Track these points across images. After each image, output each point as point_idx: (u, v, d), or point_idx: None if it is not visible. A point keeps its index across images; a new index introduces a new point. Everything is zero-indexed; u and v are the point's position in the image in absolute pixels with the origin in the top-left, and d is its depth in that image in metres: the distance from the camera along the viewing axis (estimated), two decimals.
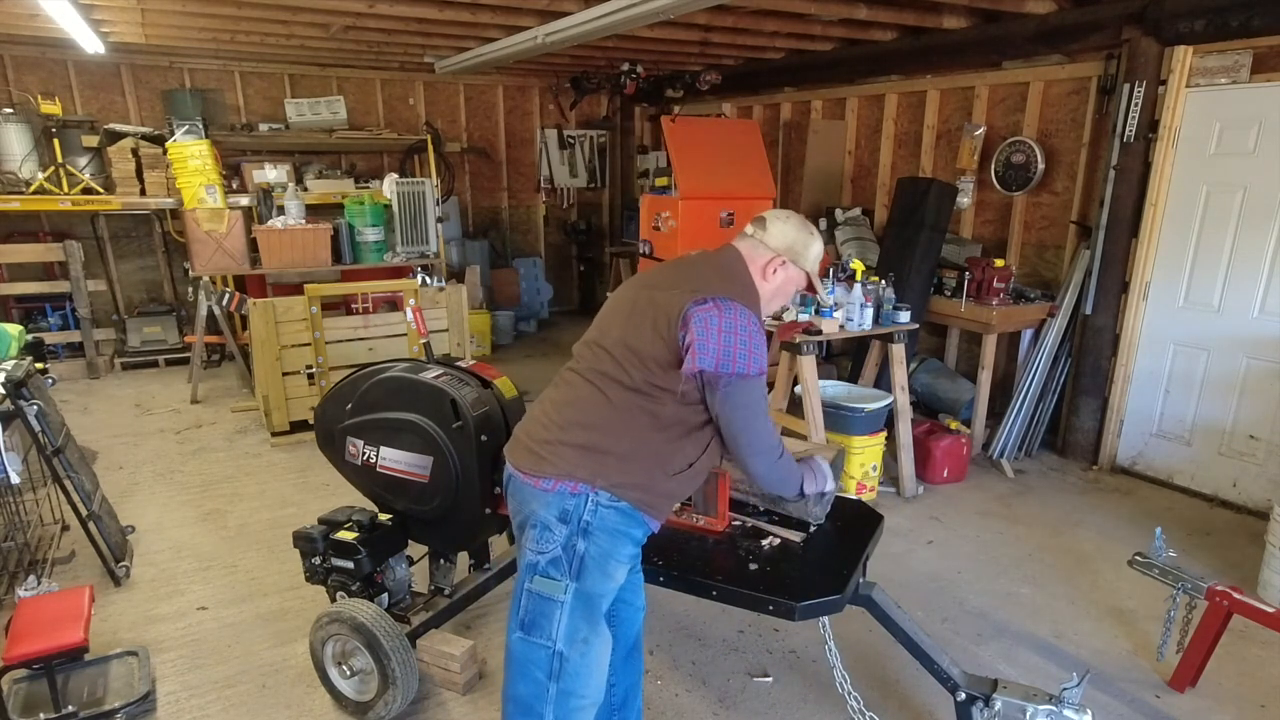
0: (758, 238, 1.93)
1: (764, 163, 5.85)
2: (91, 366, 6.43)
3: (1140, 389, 4.60)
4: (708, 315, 1.73)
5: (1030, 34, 4.60)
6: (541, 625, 1.79)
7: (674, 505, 1.99)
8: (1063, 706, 2.14)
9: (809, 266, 1.95)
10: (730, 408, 1.76)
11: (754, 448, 1.83)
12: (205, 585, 3.37)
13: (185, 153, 5.79)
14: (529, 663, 1.81)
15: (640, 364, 1.77)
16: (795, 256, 1.92)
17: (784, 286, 1.94)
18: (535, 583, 1.79)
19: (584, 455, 1.78)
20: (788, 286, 1.95)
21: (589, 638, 1.80)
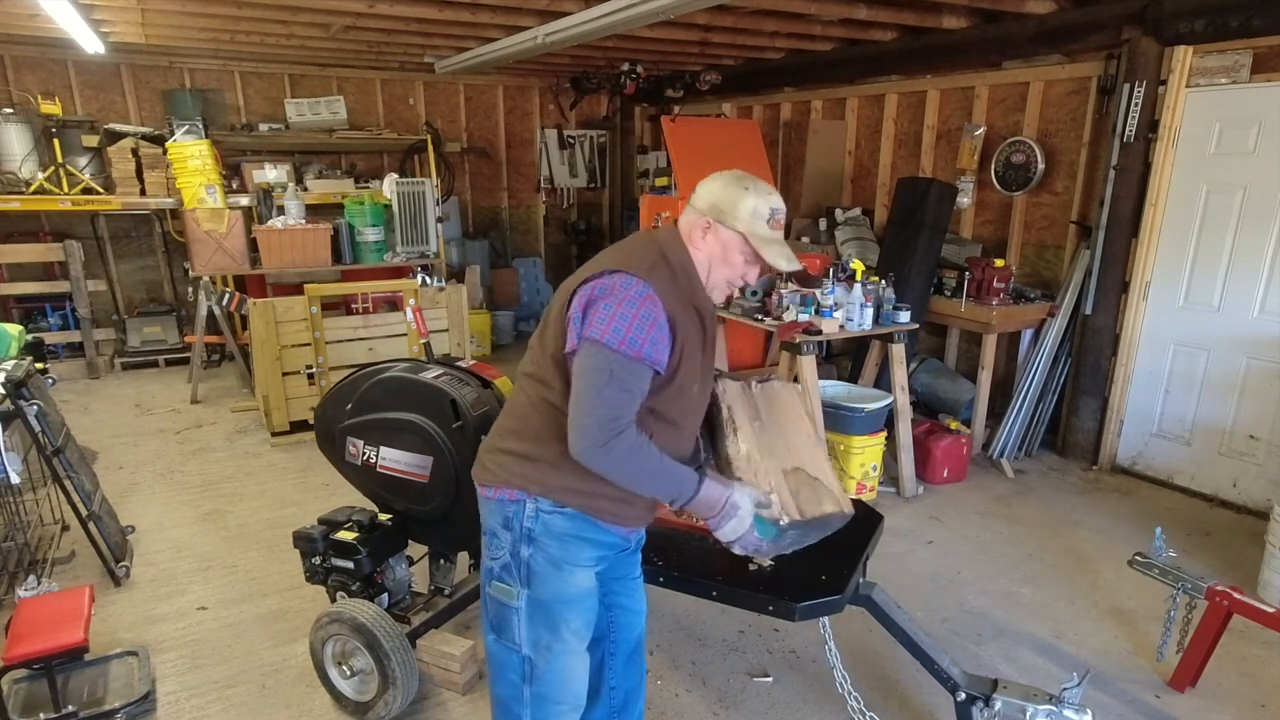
0: (690, 203, 1.72)
1: (764, 163, 5.85)
2: (91, 366, 6.43)
3: (1140, 389, 4.60)
4: (588, 289, 1.58)
5: (1030, 34, 4.59)
6: (506, 629, 1.77)
7: (641, 508, 1.79)
8: (1063, 706, 2.14)
9: (741, 226, 1.64)
10: (575, 373, 1.57)
11: (574, 422, 1.54)
12: (205, 585, 3.37)
13: (185, 153, 5.79)
14: (504, 665, 1.80)
15: (546, 359, 1.67)
16: (720, 215, 1.64)
17: (722, 254, 1.67)
18: (492, 587, 1.77)
19: (519, 463, 1.71)
20: (727, 254, 1.67)
21: (552, 645, 1.75)
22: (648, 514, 1.86)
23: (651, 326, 1.55)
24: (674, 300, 1.61)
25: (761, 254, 1.65)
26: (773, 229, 1.66)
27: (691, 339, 1.66)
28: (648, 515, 1.86)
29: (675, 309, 1.60)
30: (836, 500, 1.77)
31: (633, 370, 1.54)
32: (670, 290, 1.61)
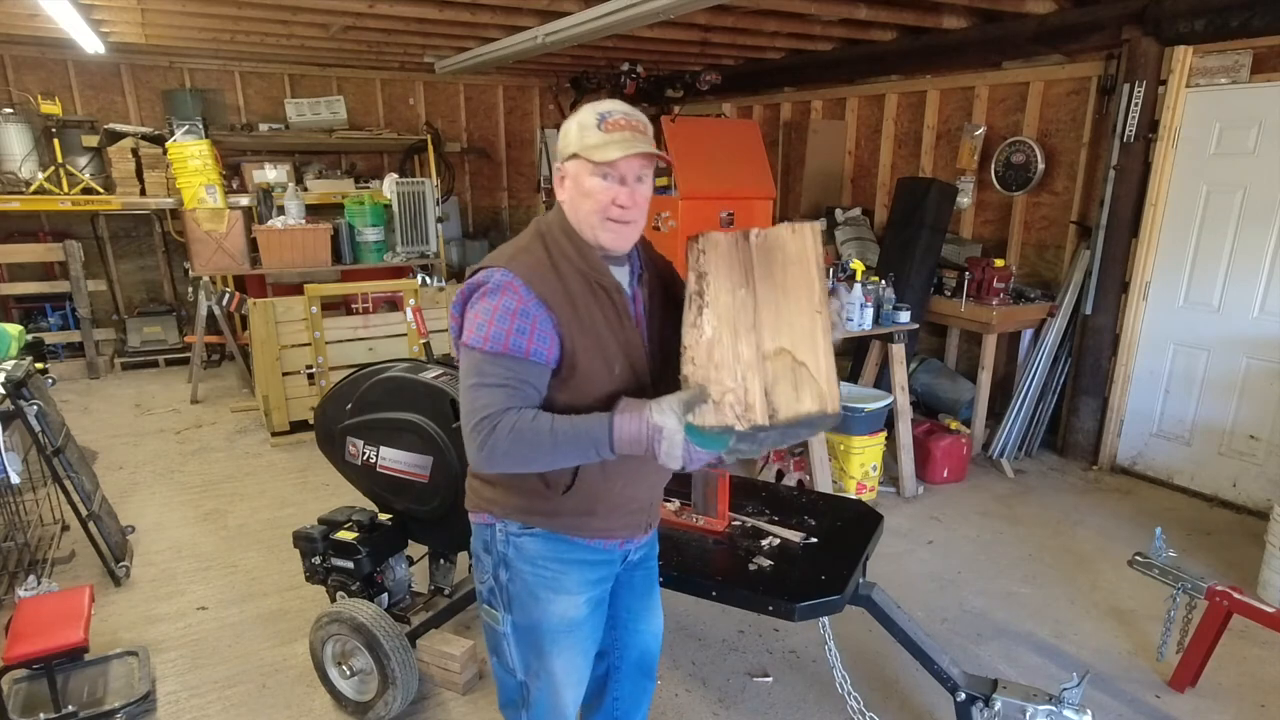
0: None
1: (764, 163, 5.84)
2: (91, 366, 6.43)
3: (1140, 389, 4.60)
4: (460, 297, 1.51)
5: (1030, 34, 4.59)
6: (499, 653, 1.73)
7: (610, 514, 1.63)
8: (1063, 706, 2.14)
9: (574, 148, 1.46)
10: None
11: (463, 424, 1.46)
12: (205, 585, 3.37)
13: (185, 153, 5.79)
14: (504, 685, 1.78)
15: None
16: (562, 155, 1.50)
17: (575, 190, 1.49)
18: (483, 611, 1.74)
19: (482, 485, 1.65)
20: (579, 186, 1.48)
21: (540, 673, 1.68)
22: (628, 519, 1.66)
23: (514, 316, 1.42)
24: (550, 280, 1.46)
25: (592, 159, 1.44)
26: (606, 130, 1.44)
27: (588, 317, 1.48)
28: (629, 521, 1.67)
29: (550, 289, 1.45)
30: (820, 395, 1.40)
31: (503, 365, 1.43)
32: (543, 270, 1.47)
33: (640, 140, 1.45)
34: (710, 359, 1.42)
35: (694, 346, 1.44)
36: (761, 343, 1.44)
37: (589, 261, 1.51)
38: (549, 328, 1.45)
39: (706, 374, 1.41)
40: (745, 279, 1.50)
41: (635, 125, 1.47)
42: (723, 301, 1.47)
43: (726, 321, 1.45)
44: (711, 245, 1.54)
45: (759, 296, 1.48)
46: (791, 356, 1.43)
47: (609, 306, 1.52)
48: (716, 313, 1.46)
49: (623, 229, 1.49)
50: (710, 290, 1.48)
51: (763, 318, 1.46)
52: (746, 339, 1.44)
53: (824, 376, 1.41)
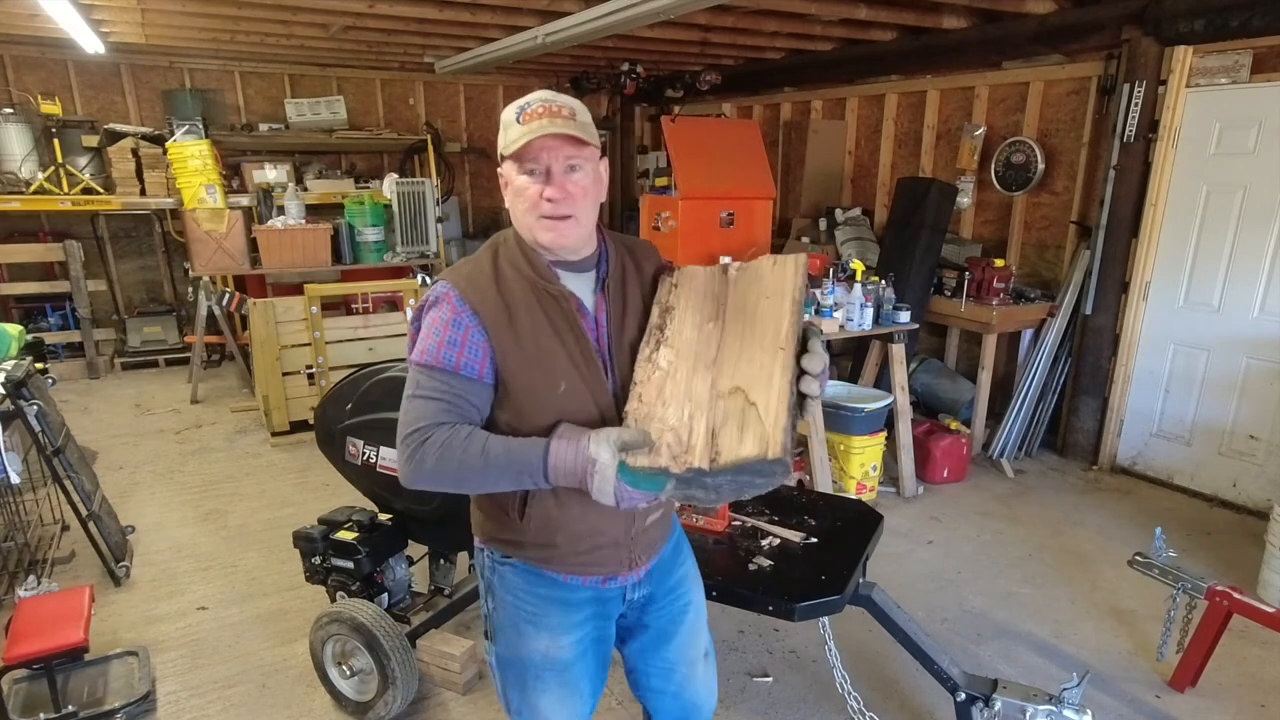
0: None
1: (764, 163, 5.84)
2: (91, 366, 6.43)
3: (1140, 389, 4.60)
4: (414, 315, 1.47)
5: (1030, 34, 4.59)
6: (495, 682, 1.64)
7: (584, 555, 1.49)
8: (1063, 706, 2.15)
9: (501, 147, 1.39)
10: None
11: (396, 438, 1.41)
12: (205, 585, 3.37)
13: (185, 153, 5.79)
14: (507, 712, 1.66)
15: None
16: (503, 150, 1.39)
17: (509, 191, 1.41)
18: (481, 639, 1.68)
19: (475, 508, 1.59)
20: (510, 185, 1.40)
21: (523, 709, 1.57)
22: (599, 554, 1.49)
23: (446, 327, 1.36)
24: (485, 289, 1.38)
25: (509, 155, 1.36)
26: (524, 122, 1.34)
27: (528, 328, 1.38)
28: (601, 556, 1.50)
29: (484, 298, 1.37)
30: (763, 438, 1.23)
31: (436, 378, 1.36)
32: (481, 279, 1.40)
33: (554, 124, 1.32)
34: (659, 396, 1.34)
35: (644, 382, 1.37)
36: (719, 380, 1.34)
37: (535, 267, 1.41)
38: (480, 340, 1.36)
39: (651, 411, 1.32)
40: (717, 313, 1.43)
41: (554, 110, 1.34)
42: (685, 337, 1.40)
43: (686, 357, 1.38)
44: (687, 279, 1.50)
45: (726, 330, 1.40)
46: (745, 396, 1.30)
47: (558, 316, 1.40)
48: (675, 348, 1.39)
49: (560, 225, 1.37)
50: (673, 325, 1.43)
51: (725, 354, 1.37)
52: (703, 376, 1.35)
53: (771, 419, 1.25)
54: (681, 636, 1.67)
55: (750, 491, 1.27)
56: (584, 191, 1.38)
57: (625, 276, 1.50)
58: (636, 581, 1.59)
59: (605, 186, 1.47)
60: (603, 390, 1.41)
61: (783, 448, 1.21)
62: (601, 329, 1.44)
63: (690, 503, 1.33)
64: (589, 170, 1.39)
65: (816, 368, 1.32)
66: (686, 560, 1.73)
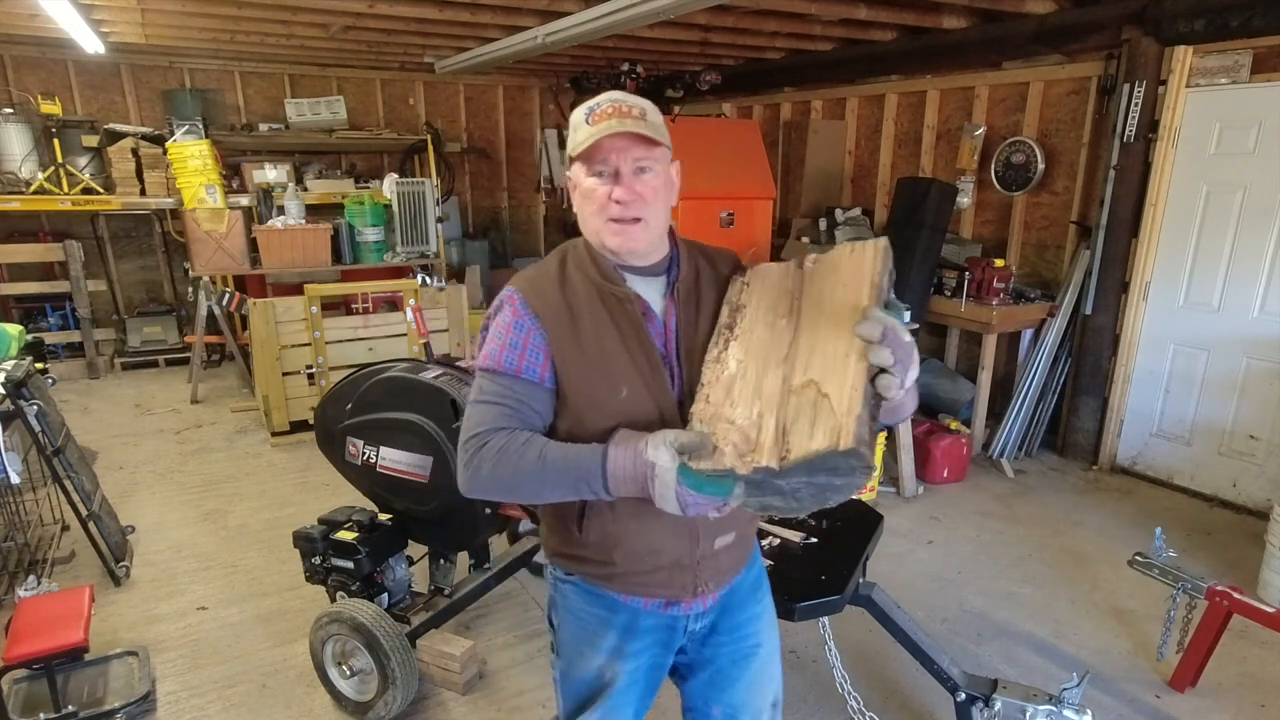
0: None
1: (764, 163, 5.85)
2: (91, 366, 6.43)
3: (1140, 389, 4.60)
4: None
5: (1030, 34, 4.59)
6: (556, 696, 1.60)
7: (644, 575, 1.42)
8: (1063, 707, 2.15)
9: (569, 149, 1.36)
10: None
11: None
12: (205, 585, 3.37)
13: (185, 153, 5.79)
14: None
15: None
16: (571, 151, 1.36)
17: (577, 194, 1.38)
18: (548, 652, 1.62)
19: (542, 523, 1.56)
20: (579, 189, 1.37)
21: None
22: (659, 575, 1.42)
23: (508, 330, 1.35)
24: (549, 292, 1.37)
25: (578, 156, 1.34)
26: (593, 123, 1.31)
27: (591, 331, 1.35)
28: (661, 578, 1.42)
29: (546, 301, 1.36)
30: (835, 429, 1.12)
31: (497, 382, 1.34)
32: (546, 283, 1.38)
33: (623, 124, 1.29)
34: (727, 396, 1.27)
35: (711, 383, 1.31)
36: (791, 376, 1.24)
37: (601, 270, 1.37)
38: (541, 343, 1.34)
39: (719, 411, 1.25)
40: (790, 309, 1.34)
41: (624, 110, 1.31)
42: (756, 335, 1.33)
43: (756, 355, 1.30)
44: (759, 277, 1.43)
45: (800, 326, 1.31)
46: (817, 389, 1.19)
47: (623, 320, 1.36)
48: (746, 347, 1.32)
49: (628, 229, 1.32)
50: (743, 323, 1.36)
51: (799, 349, 1.27)
52: (775, 373, 1.26)
53: (844, 408, 1.14)
54: (746, 681, 1.57)
55: (833, 496, 1.17)
56: (654, 193, 1.33)
57: (698, 281, 1.44)
58: (701, 611, 1.50)
59: (677, 190, 1.41)
60: (666, 396, 1.35)
61: (856, 437, 1.08)
62: (671, 334, 1.39)
63: (769, 512, 1.23)
64: (659, 171, 1.35)
65: (884, 359, 1.14)
66: (764, 600, 1.63)
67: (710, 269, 1.46)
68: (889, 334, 1.14)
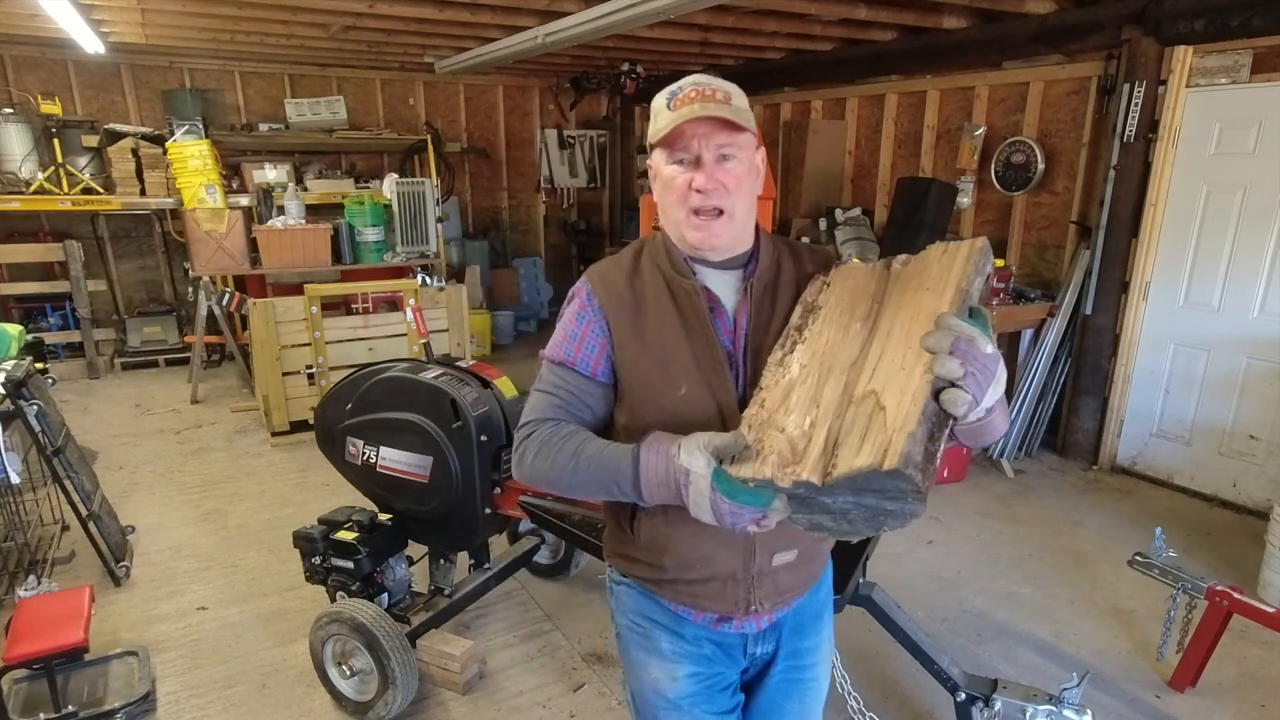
0: None
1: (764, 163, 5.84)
2: (91, 366, 6.43)
3: (1140, 389, 4.60)
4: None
5: (1030, 34, 4.59)
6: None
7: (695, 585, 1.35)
8: (1063, 706, 2.15)
9: (649, 136, 1.30)
10: None
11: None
12: (205, 585, 3.37)
13: (185, 153, 5.79)
14: None
15: None
16: (651, 138, 1.30)
17: (658, 184, 1.32)
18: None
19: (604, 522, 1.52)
20: (660, 178, 1.31)
21: None
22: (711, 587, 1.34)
23: (572, 321, 1.33)
24: (617, 283, 1.33)
25: (658, 142, 1.27)
26: (675, 108, 1.24)
27: (654, 323, 1.30)
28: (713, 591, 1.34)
29: (613, 292, 1.33)
30: (883, 445, 1.02)
31: (555, 373, 1.33)
32: (617, 273, 1.35)
33: (705, 108, 1.21)
34: (783, 402, 1.16)
35: (770, 388, 1.20)
36: (854, 384, 1.15)
37: (673, 261, 1.32)
38: (600, 336, 1.32)
39: (772, 418, 1.15)
40: (869, 311, 1.25)
41: (708, 94, 1.23)
42: (825, 339, 1.23)
43: (822, 360, 1.20)
44: (842, 277, 1.33)
45: (876, 330, 1.22)
46: (877, 400, 1.10)
47: (690, 313, 1.29)
48: (812, 350, 1.22)
49: (710, 224, 1.26)
50: (815, 325, 1.26)
51: (869, 355, 1.18)
52: (838, 380, 1.16)
53: (897, 423, 1.03)
54: (797, 715, 1.50)
55: (888, 522, 1.09)
56: (737, 182, 1.26)
57: (779, 277, 1.36)
58: (758, 633, 1.41)
59: (763, 179, 1.34)
60: (728, 396, 1.27)
61: (903, 457, 0.97)
62: (740, 330, 1.31)
63: (820, 532, 1.13)
64: (744, 160, 1.27)
65: (951, 370, 1.03)
66: (825, 629, 1.53)
67: (794, 267, 1.38)
68: (961, 344, 1.05)
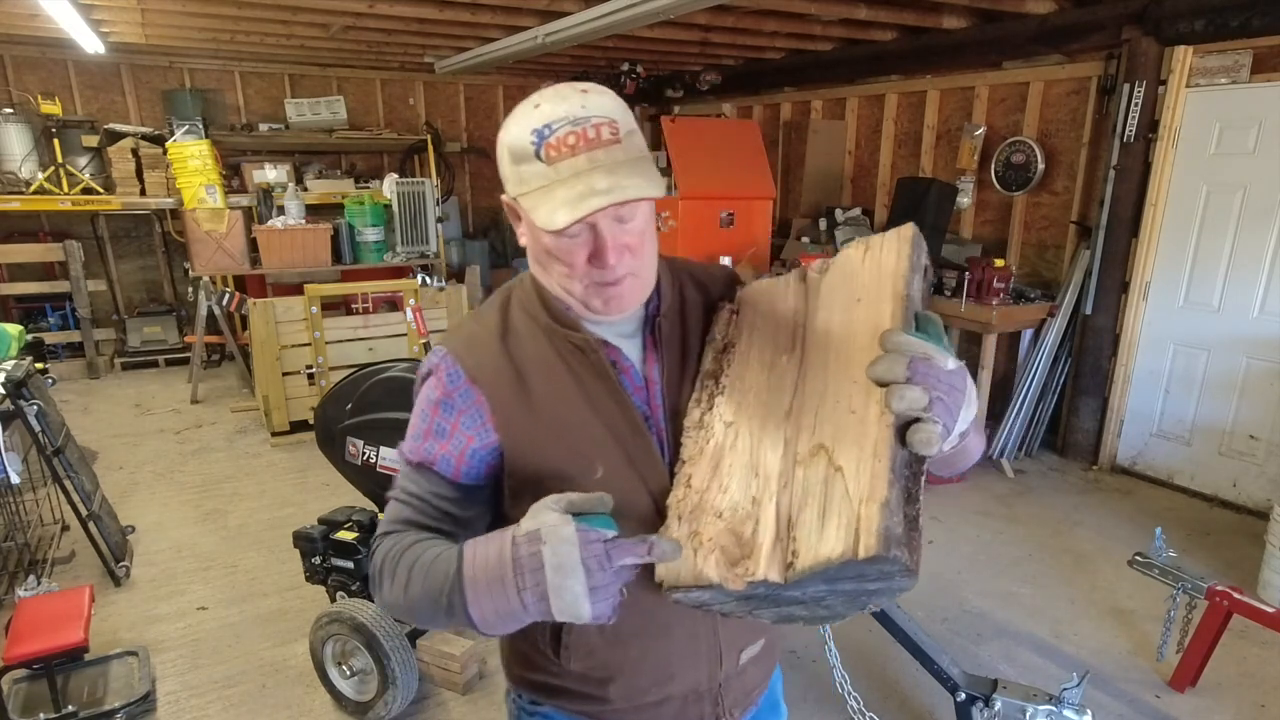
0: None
1: (764, 163, 5.85)
2: (91, 366, 6.43)
3: (1140, 389, 4.60)
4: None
5: (1030, 34, 4.59)
6: None
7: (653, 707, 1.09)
8: (1063, 706, 2.15)
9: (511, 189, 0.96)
10: None
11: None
12: (205, 585, 3.37)
13: (185, 153, 5.80)
14: None
15: None
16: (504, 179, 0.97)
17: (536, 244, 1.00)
18: None
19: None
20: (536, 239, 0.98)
21: None
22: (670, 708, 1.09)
23: (434, 410, 1.03)
24: (490, 349, 1.04)
25: (532, 219, 0.92)
26: (549, 161, 0.90)
27: (548, 393, 1.01)
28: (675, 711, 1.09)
29: (486, 361, 1.03)
30: (852, 524, 0.81)
31: (408, 477, 1.06)
32: (486, 337, 1.05)
33: (599, 176, 0.88)
34: (714, 476, 0.94)
35: (694, 460, 0.97)
36: (797, 439, 0.92)
37: (553, 312, 1.03)
38: (474, 423, 1.02)
39: (704, 499, 0.93)
40: (793, 340, 1.01)
41: (594, 140, 0.90)
42: (749, 382, 1.00)
43: (749, 413, 0.97)
44: (750, 302, 1.09)
45: (806, 362, 0.98)
46: (829, 458, 0.87)
47: (588, 375, 1.02)
48: (735, 401, 0.99)
49: (615, 291, 0.98)
50: (733, 368, 1.02)
51: (806, 397, 0.94)
52: (775, 436, 0.93)
53: (863, 491, 0.82)
54: None
55: (874, 600, 0.88)
56: (642, 240, 0.98)
57: (685, 311, 1.10)
58: None
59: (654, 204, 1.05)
60: (657, 473, 1.01)
61: (882, 538, 0.77)
62: (653, 386, 1.05)
63: (793, 623, 0.94)
64: (646, 208, 0.97)
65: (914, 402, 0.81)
66: (782, 712, 1.31)
67: (700, 295, 1.12)
68: (918, 367, 0.82)
